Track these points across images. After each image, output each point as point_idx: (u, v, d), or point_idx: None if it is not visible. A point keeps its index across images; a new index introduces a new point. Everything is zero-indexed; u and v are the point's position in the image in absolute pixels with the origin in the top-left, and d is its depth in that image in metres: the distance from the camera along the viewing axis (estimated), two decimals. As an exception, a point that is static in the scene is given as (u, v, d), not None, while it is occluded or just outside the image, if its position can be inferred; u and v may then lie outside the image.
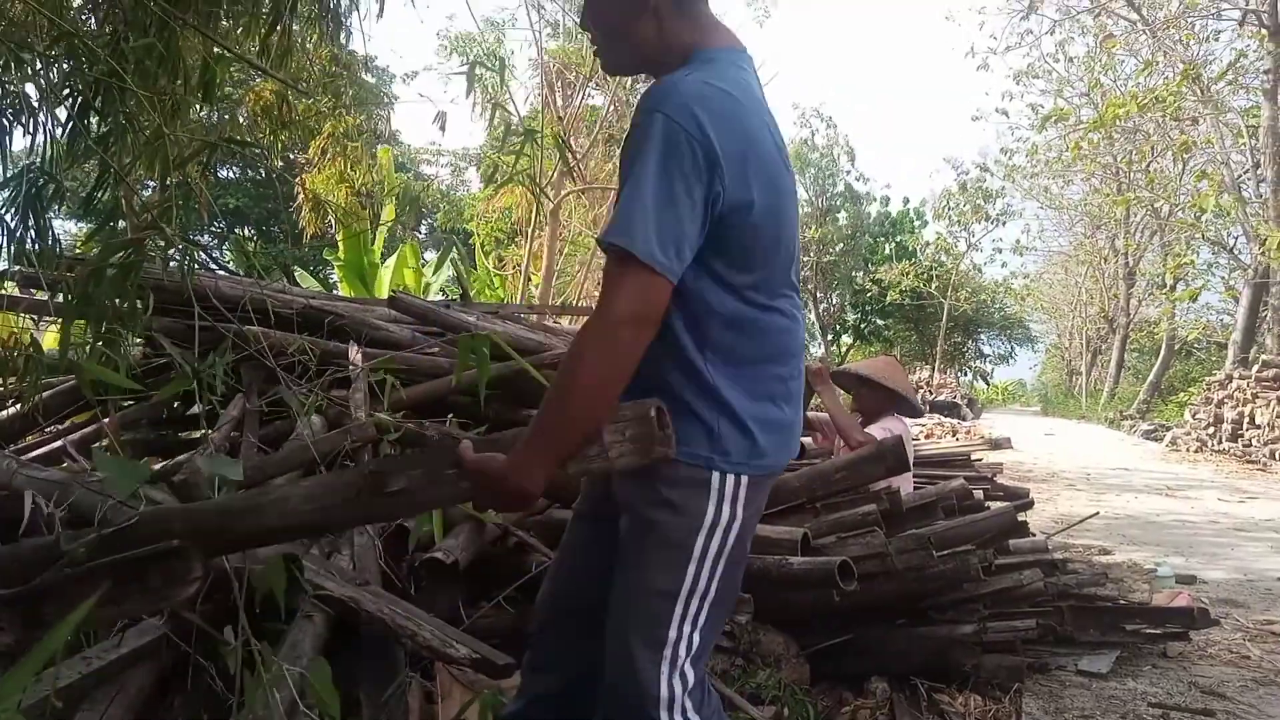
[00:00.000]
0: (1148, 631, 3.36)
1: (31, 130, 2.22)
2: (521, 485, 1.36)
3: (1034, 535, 4.37)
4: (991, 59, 18.37)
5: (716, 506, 1.47)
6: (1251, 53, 16.00)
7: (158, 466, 2.98)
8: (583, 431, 1.38)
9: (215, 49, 2.53)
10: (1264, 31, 15.17)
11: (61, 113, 2.28)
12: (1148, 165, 20.20)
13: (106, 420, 2.43)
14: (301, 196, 7.99)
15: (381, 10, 3.41)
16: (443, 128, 7.68)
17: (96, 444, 3.33)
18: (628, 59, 1.60)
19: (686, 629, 1.47)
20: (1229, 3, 16.39)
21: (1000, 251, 28.73)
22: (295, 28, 3.22)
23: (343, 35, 3.69)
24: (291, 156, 8.44)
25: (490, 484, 1.38)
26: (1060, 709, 2.85)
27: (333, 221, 8.14)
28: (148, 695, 1.77)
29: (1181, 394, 21.23)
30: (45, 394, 3.31)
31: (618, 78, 12.12)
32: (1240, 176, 17.35)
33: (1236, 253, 18.97)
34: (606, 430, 1.39)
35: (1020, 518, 3.66)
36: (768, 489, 1.62)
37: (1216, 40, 17.41)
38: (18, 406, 2.91)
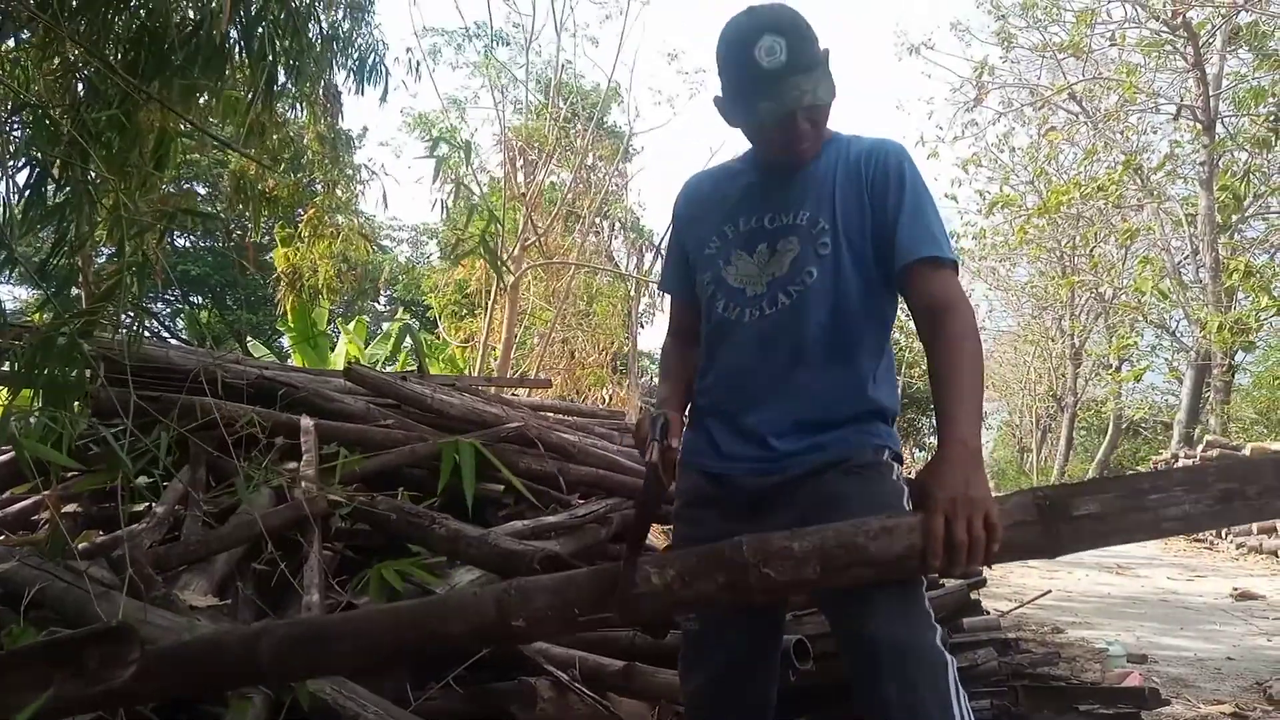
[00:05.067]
0: (1100, 712, 3.35)
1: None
2: (978, 453, 1.47)
3: (987, 613, 4.38)
4: (940, 147, 18.96)
5: None
6: (1187, 144, 16.76)
7: (98, 540, 2.90)
8: None
9: (181, 124, 2.56)
10: (1198, 125, 15.92)
11: (19, 179, 2.27)
12: (1091, 250, 20.87)
13: (47, 494, 2.37)
14: (279, 271, 7.94)
15: (385, 95, 3.51)
16: (445, 207, 7.76)
17: (35, 517, 3.24)
18: (821, 131, 1.76)
19: None
20: (1165, 98, 17.23)
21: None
22: (280, 107, 3.28)
23: (339, 115, 3.75)
24: (266, 230, 8.41)
25: (961, 472, 1.43)
26: (1015, 792, 2.83)
27: (308, 295, 8.07)
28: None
29: (1129, 472, 21.60)
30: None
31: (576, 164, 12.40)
32: (1180, 262, 17.99)
33: (1179, 335, 19.55)
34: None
35: (973, 595, 3.68)
36: None
37: (1155, 133, 18.22)
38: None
